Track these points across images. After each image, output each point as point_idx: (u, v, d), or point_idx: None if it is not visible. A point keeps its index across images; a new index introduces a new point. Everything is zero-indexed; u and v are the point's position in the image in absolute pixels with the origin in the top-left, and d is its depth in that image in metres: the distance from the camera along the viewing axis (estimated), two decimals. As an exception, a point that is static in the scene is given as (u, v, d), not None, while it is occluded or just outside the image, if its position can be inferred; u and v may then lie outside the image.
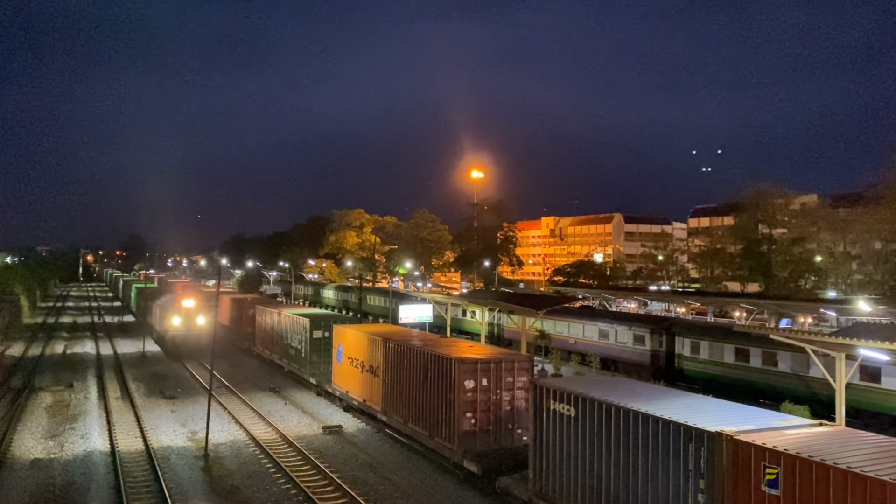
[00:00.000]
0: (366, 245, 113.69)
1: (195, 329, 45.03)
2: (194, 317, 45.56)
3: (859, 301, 48.82)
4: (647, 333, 40.45)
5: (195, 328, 45.13)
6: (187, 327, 45.08)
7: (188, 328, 45.13)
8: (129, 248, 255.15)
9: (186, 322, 45.19)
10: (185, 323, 45.18)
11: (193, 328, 45.20)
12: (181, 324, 45.08)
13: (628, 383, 20.57)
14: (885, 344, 17.27)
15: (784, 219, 79.03)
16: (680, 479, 13.55)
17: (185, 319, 45.26)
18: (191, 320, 45.41)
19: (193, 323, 45.36)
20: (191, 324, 45.29)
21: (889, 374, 27.22)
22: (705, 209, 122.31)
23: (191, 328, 45.16)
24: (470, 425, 21.52)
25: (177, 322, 44.98)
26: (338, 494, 20.30)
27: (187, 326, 45.09)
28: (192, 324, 45.32)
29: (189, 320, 45.39)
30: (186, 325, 45.12)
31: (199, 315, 45.51)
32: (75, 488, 20.64)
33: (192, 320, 45.41)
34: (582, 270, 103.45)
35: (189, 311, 45.62)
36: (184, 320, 45.21)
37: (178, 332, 45.16)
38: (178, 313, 45.46)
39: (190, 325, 45.23)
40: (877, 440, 13.04)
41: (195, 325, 45.22)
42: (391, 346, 26.22)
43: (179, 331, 45.21)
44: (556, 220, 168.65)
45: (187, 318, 45.34)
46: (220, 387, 35.55)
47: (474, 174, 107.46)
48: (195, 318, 45.44)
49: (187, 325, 45.15)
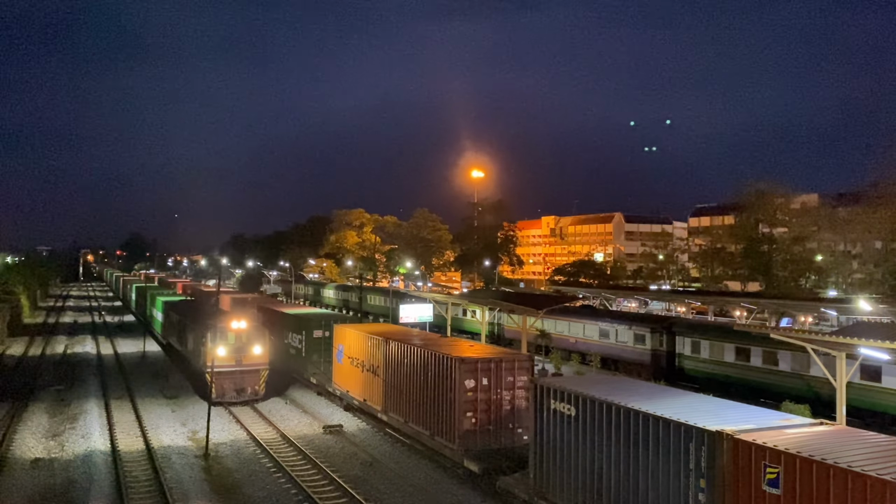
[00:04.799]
0: (366, 244, 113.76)
1: (249, 361, 32.37)
2: (248, 344, 32.44)
3: (860, 300, 48.75)
4: (648, 333, 40.45)
5: (249, 359, 32.39)
6: (237, 359, 32.03)
7: (238, 360, 32.07)
8: (129, 248, 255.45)
9: (236, 351, 32.10)
10: (235, 353, 32.04)
11: (246, 360, 32.33)
12: (228, 354, 31.81)
13: (629, 382, 20.58)
14: (885, 343, 17.26)
15: (784, 218, 78.97)
16: (681, 478, 13.55)
17: (234, 348, 32.12)
18: (243, 348, 32.29)
19: (247, 353, 32.35)
20: (242, 353, 32.24)
21: (890, 373, 27.21)
22: (706, 208, 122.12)
23: (242, 359, 32.19)
24: (470, 425, 21.52)
25: (222, 352, 31.41)
26: (338, 494, 20.30)
27: (237, 358, 32.05)
28: (244, 353, 32.28)
29: (240, 348, 32.23)
30: (237, 356, 32.05)
31: (255, 341, 32.65)
32: (76, 488, 20.65)
33: (246, 348, 32.35)
34: (582, 270, 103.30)
35: (240, 335, 32.38)
36: (232, 350, 32.01)
37: (224, 365, 31.35)
38: (223, 339, 31.93)
39: (241, 355, 32.19)
40: (877, 439, 13.03)
41: (249, 355, 32.41)
42: (391, 346, 26.23)
43: (226, 364, 31.56)
44: (557, 219, 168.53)
45: (238, 346, 32.21)
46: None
47: (475, 173, 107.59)
48: (250, 346, 32.43)
49: (237, 355, 32.08)
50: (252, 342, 32.50)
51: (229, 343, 32.00)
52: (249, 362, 32.34)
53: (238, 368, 32.02)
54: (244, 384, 32.09)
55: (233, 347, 32.02)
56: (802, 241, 74.91)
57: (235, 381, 31.88)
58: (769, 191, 77.61)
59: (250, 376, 32.32)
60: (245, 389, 32.03)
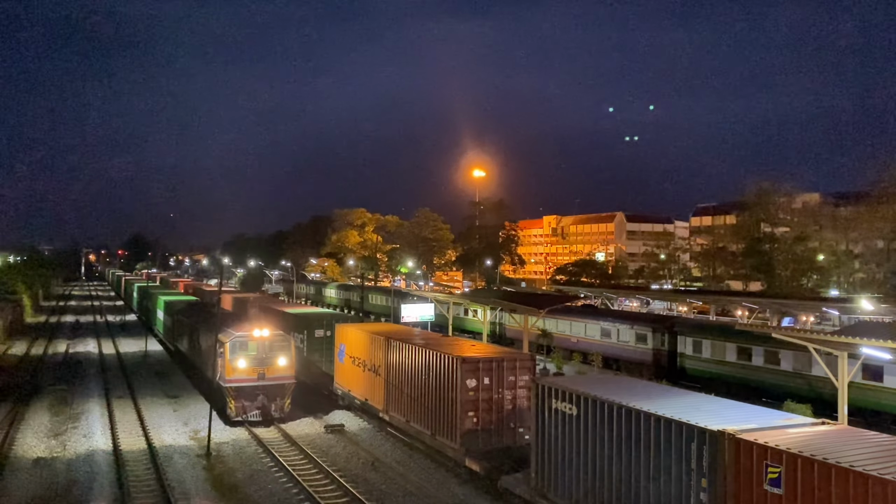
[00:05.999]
0: (367, 244, 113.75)
1: (274, 375, 28.42)
2: (273, 355, 28.56)
3: (862, 300, 48.75)
4: (650, 332, 40.42)
5: (274, 372, 28.44)
6: (260, 373, 28.16)
7: (261, 373, 28.19)
8: (131, 248, 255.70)
9: (259, 363, 28.23)
10: (257, 365, 28.21)
11: (270, 373, 28.40)
12: (250, 366, 28.08)
13: (630, 382, 20.57)
14: (887, 342, 17.23)
15: (786, 217, 78.98)
16: (682, 477, 13.55)
17: (256, 359, 28.26)
18: (266, 360, 28.41)
19: (271, 365, 28.46)
20: (266, 366, 28.35)
21: (892, 372, 27.19)
22: (707, 208, 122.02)
23: (266, 372, 28.28)
24: (472, 424, 21.53)
25: (243, 365, 27.98)
26: (340, 493, 20.32)
27: (260, 371, 28.17)
28: (268, 365, 28.39)
29: (263, 360, 28.34)
30: (259, 369, 28.18)
31: (279, 351, 28.72)
32: (78, 487, 20.68)
33: (270, 360, 28.47)
34: (584, 269, 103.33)
35: (263, 345, 28.49)
36: (254, 361, 28.20)
37: (244, 379, 28.02)
38: (243, 349, 28.22)
39: (265, 367, 28.27)
40: (879, 439, 13.02)
41: (274, 367, 28.47)
42: (393, 345, 26.23)
43: (247, 377, 28.08)
44: (558, 218, 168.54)
45: (261, 357, 28.34)
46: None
47: (476, 173, 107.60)
48: (274, 358, 28.54)
49: (260, 368, 28.20)
50: (276, 353, 28.45)
51: (250, 354, 28.02)
52: (274, 376, 28.19)
53: (261, 383, 27.91)
54: (268, 401, 27.93)
55: (255, 359, 28.02)
56: (804, 240, 74.85)
57: (258, 398, 27.79)
58: (771, 190, 77.61)
59: (275, 392, 28.11)
60: (269, 407, 27.93)
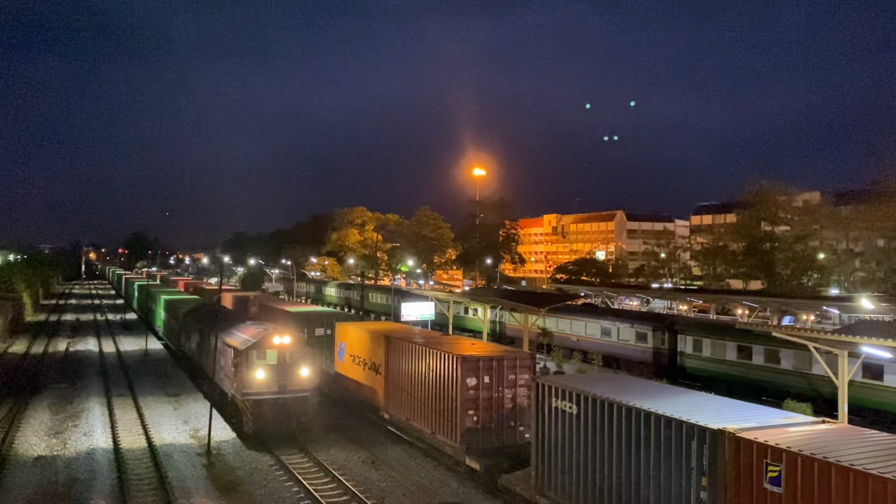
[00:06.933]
0: (368, 243, 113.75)
1: (295, 386, 25.57)
2: (294, 365, 25.66)
3: (862, 298, 48.75)
4: (650, 331, 40.43)
5: (295, 384, 25.59)
6: (281, 384, 25.29)
7: (282, 385, 25.31)
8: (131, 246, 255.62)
9: (279, 374, 25.35)
10: (278, 376, 25.31)
11: (291, 385, 25.50)
12: (269, 377, 25.23)
13: (630, 381, 20.59)
14: (887, 341, 17.24)
15: (786, 216, 78.93)
16: (682, 476, 13.55)
17: (276, 369, 25.34)
18: (287, 370, 25.50)
19: (292, 376, 25.56)
20: (286, 377, 25.43)
21: (892, 371, 27.19)
22: (708, 206, 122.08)
23: (286, 385, 25.39)
24: (472, 423, 21.54)
25: (262, 375, 25.12)
26: (340, 491, 20.34)
27: (281, 383, 25.30)
28: (288, 377, 25.46)
29: (284, 370, 25.43)
30: (280, 381, 25.30)
31: (301, 361, 25.86)
32: (78, 485, 20.70)
33: (291, 370, 25.56)
34: (584, 268, 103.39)
35: (283, 353, 25.55)
36: (274, 372, 25.29)
37: (263, 392, 25.16)
38: (262, 359, 25.30)
39: (285, 378, 25.41)
40: (879, 438, 13.02)
41: (296, 378, 25.62)
42: (393, 344, 26.23)
43: (266, 390, 25.19)
44: (559, 217, 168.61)
45: (281, 367, 25.41)
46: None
47: (476, 172, 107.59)
48: (296, 368, 25.67)
49: (281, 379, 25.32)
50: (298, 362, 25.75)
51: (269, 363, 25.33)
52: (296, 387, 25.49)
53: (281, 396, 25.27)
54: (289, 415, 25.41)
55: (275, 369, 25.31)
56: (804, 239, 74.89)
57: (278, 411, 25.19)
58: (771, 189, 77.58)
59: (296, 405, 25.55)
60: (290, 421, 25.46)
